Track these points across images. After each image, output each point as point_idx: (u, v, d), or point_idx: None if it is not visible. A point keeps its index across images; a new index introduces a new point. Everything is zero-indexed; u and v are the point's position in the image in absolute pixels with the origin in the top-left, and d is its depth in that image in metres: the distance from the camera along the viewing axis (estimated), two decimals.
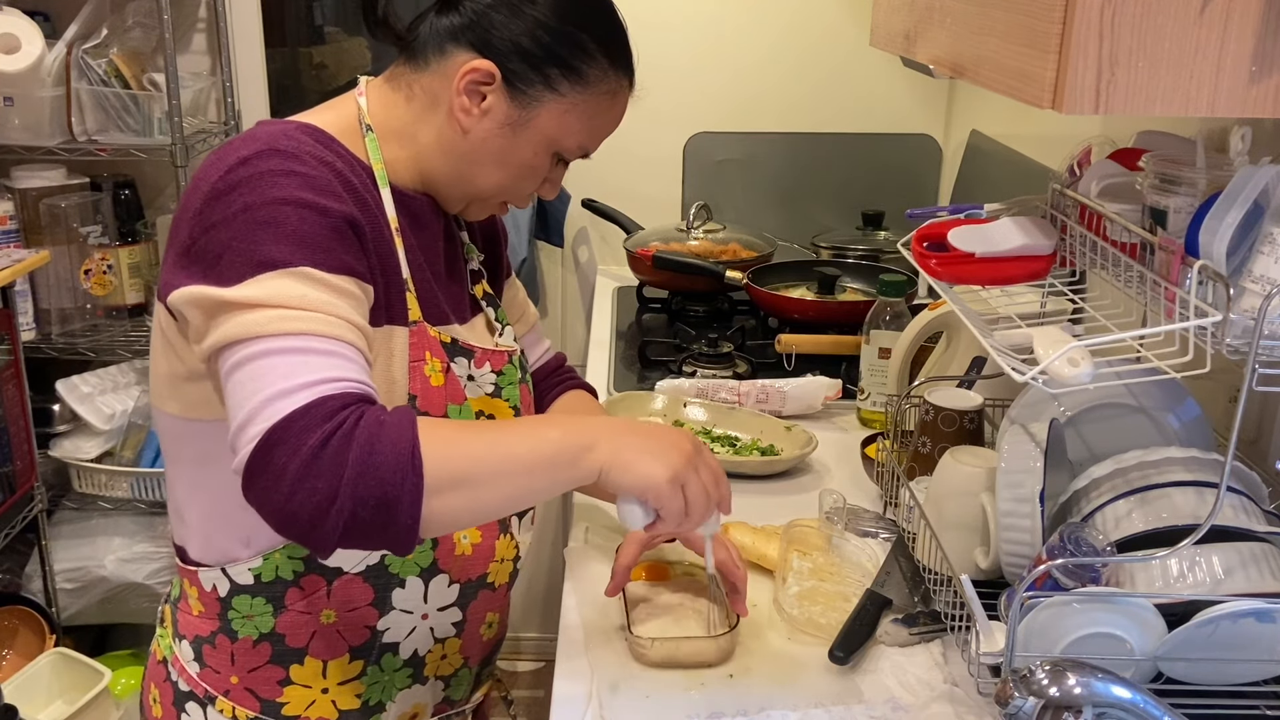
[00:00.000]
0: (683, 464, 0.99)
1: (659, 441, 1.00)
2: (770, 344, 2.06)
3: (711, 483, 1.02)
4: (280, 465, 0.88)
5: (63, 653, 2.26)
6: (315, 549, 0.91)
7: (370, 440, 0.89)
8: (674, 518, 1.00)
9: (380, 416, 0.91)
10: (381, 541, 0.91)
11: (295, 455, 0.88)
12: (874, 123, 2.61)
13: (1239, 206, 0.94)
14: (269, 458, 0.88)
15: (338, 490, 0.87)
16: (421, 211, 1.14)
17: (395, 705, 1.18)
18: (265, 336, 0.92)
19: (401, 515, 0.89)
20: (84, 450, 2.34)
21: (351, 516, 0.88)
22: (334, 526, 0.88)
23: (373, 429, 0.89)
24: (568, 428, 0.99)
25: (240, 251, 0.95)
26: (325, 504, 0.88)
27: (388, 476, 0.88)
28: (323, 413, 0.89)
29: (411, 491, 0.89)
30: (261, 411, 0.89)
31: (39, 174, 2.29)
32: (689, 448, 1.01)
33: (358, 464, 0.88)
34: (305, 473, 0.87)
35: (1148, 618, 1.02)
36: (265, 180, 0.97)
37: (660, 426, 1.05)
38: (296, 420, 0.88)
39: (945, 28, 1.19)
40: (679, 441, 1.01)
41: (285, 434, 0.88)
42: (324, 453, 0.88)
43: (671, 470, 0.98)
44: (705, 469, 1.02)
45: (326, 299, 0.95)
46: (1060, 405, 1.21)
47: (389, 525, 0.89)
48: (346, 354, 0.94)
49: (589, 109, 1.11)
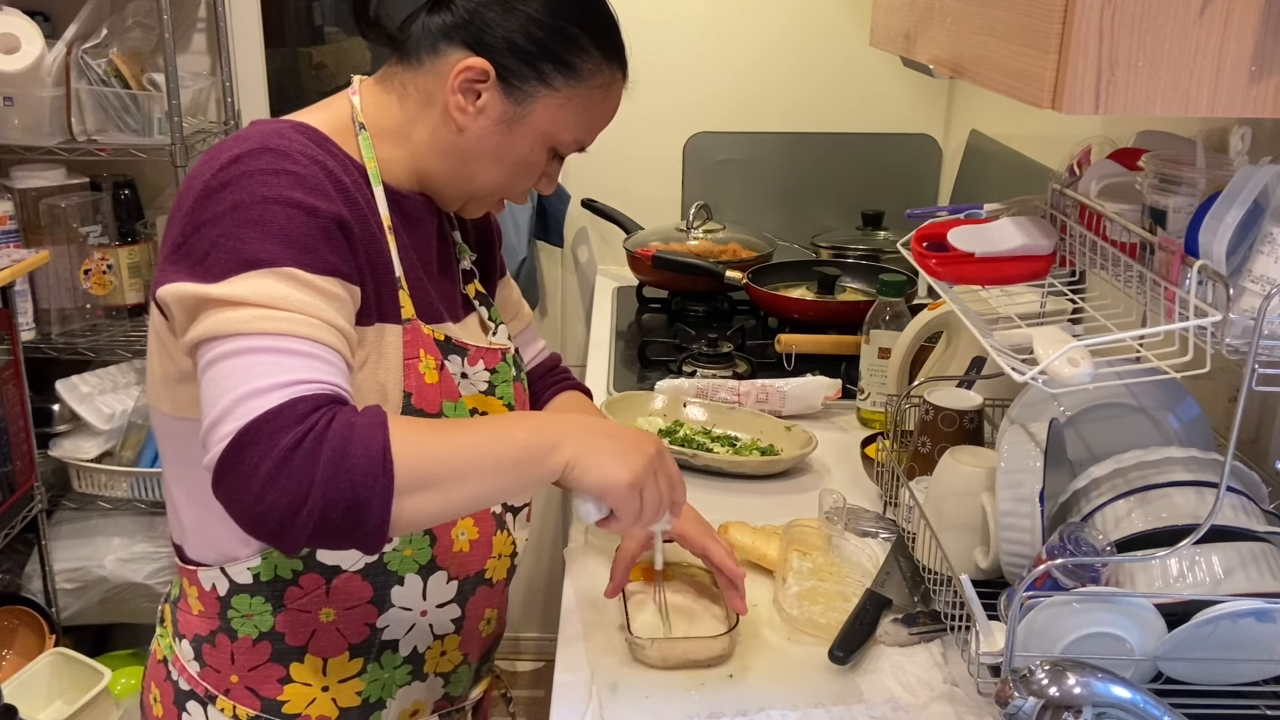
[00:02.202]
0: (644, 469, 1.01)
1: (623, 444, 1.01)
2: (770, 344, 2.06)
3: (668, 488, 1.04)
4: (251, 465, 0.88)
5: (62, 653, 2.26)
6: (284, 549, 0.91)
7: (342, 442, 0.89)
8: (628, 519, 1.02)
9: (351, 419, 0.91)
10: (350, 542, 0.91)
11: (267, 456, 0.88)
12: (874, 123, 2.61)
13: (1239, 206, 0.94)
14: (240, 457, 0.88)
15: (309, 492, 0.88)
16: (414, 210, 1.14)
17: (395, 702, 1.18)
18: (243, 335, 0.92)
19: (371, 516, 0.89)
20: (84, 450, 2.34)
21: (322, 518, 0.88)
22: (304, 527, 0.88)
23: (344, 431, 0.89)
24: (534, 427, 1.01)
25: (226, 249, 0.95)
26: (296, 505, 0.88)
27: (359, 479, 0.89)
28: (295, 414, 0.89)
29: (382, 493, 0.89)
30: (234, 410, 0.89)
31: (39, 174, 2.29)
32: (652, 452, 1.02)
33: (329, 466, 0.88)
34: (277, 474, 0.87)
35: (1148, 618, 1.02)
36: (255, 178, 0.97)
37: (626, 429, 1.06)
38: (269, 421, 0.88)
39: (945, 28, 1.19)
40: (643, 445, 1.02)
41: (257, 434, 0.88)
42: (296, 454, 0.88)
43: (633, 474, 0.99)
44: (664, 475, 1.04)
45: (309, 300, 0.95)
46: (1060, 405, 1.21)
47: (358, 526, 0.90)
48: (324, 356, 0.94)
49: (584, 103, 1.11)
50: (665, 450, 1.05)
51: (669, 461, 1.05)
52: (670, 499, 1.05)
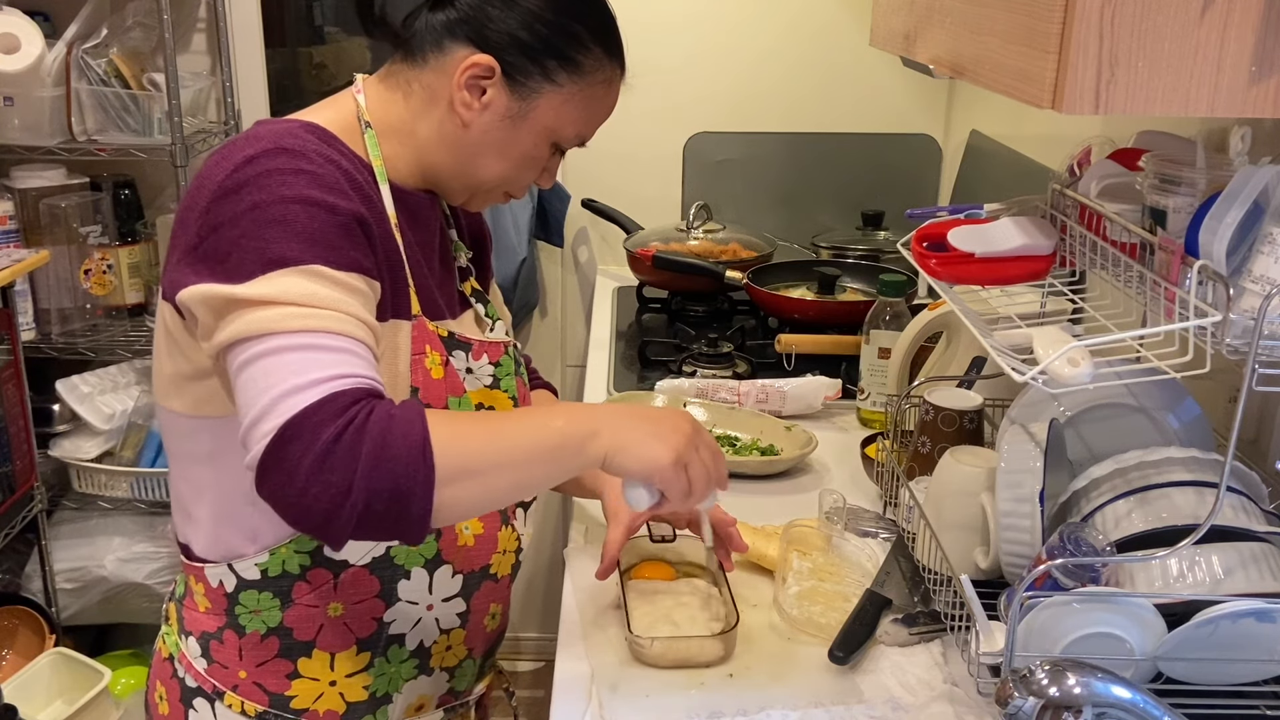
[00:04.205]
0: (685, 445, 1.01)
1: (660, 424, 1.02)
2: (770, 344, 2.06)
3: (711, 460, 1.04)
4: (295, 460, 0.89)
5: (63, 653, 2.26)
6: (329, 541, 0.93)
7: (382, 434, 0.90)
8: (679, 497, 1.02)
9: (390, 410, 0.92)
10: (394, 532, 0.93)
11: (309, 450, 0.89)
12: (874, 123, 2.61)
13: (1239, 206, 0.94)
14: (283, 453, 0.89)
15: (352, 484, 0.89)
16: (419, 208, 1.15)
17: (402, 696, 1.19)
18: (276, 334, 0.93)
19: (414, 506, 0.91)
20: (84, 450, 2.34)
21: (366, 509, 0.89)
22: (349, 519, 0.89)
23: (384, 423, 0.91)
24: (571, 416, 1.01)
25: (250, 249, 0.95)
26: (340, 497, 0.89)
27: (400, 469, 0.90)
28: (335, 408, 0.90)
29: (424, 483, 0.90)
30: (275, 408, 0.90)
31: (39, 174, 2.29)
32: (689, 428, 1.03)
33: (371, 457, 0.89)
34: (320, 467, 0.89)
35: (1148, 618, 1.02)
36: (273, 178, 0.98)
37: (658, 409, 1.06)
38: (310, 416, 0.90)
39: (945, 28, 1.19)
40: (679, 423, 1.03)
41: (299, 429, 0.89)
42: (338, 447, 0.89)
43: (675, 452, 1.00)
44: (705, 448, 1.04)
45: (336, 296, 0.96)
46: (1060, 405, 1.21)
47: (402, 516, 0.91)
48: (356, 350, 0.95)
49: (586, 98, 1.12)
50: (701, 425, 1.05)
51: (707, 435, 1.06)
52: (716, 472, 1.05)
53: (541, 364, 2.46)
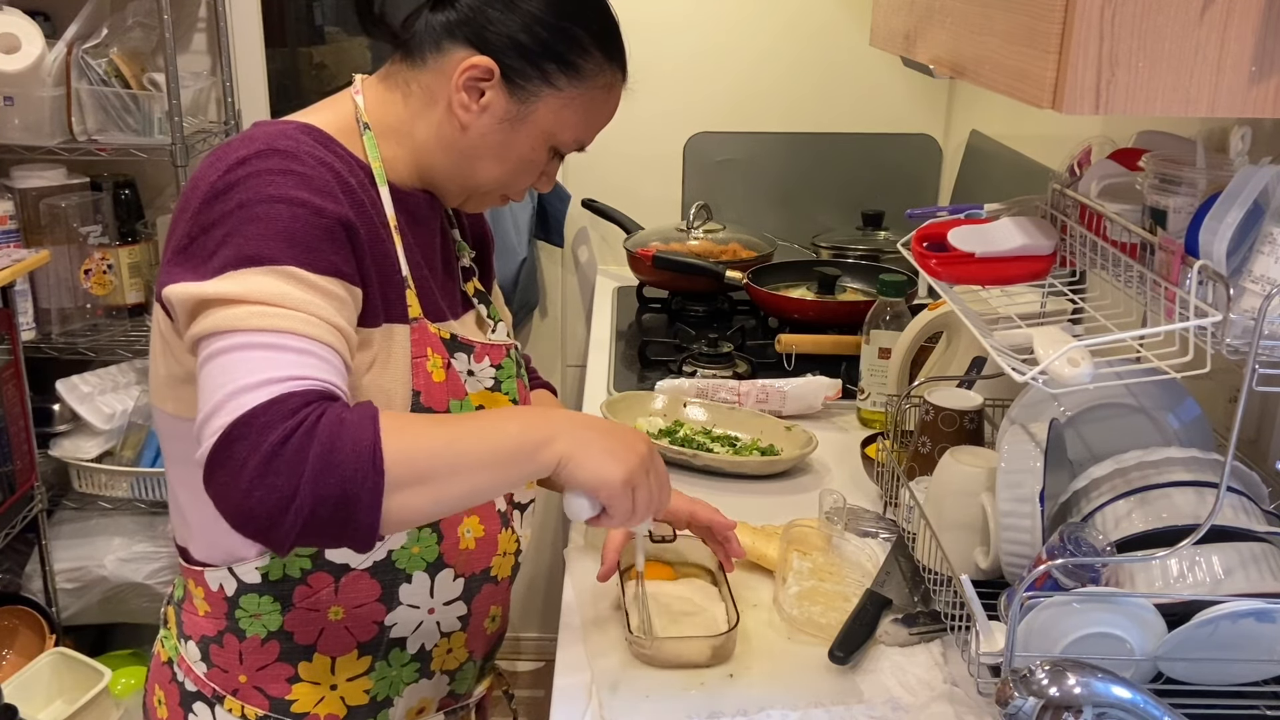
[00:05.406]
0: (637, 467, 1.00)
1: (617, 442, 1.00)
2: (770, 344, 2.06)
3: (658, 488, 1.03)
4: (240, 460, 0.87)
5: (63, 652, 2.26)
6: (273, 547, 0.90)
7: (331, 438, 0.88)
8: (621, 517, 1.01)
9: (341, 414, 0.90)
10: (341, 539, 0.90)
11: (255, 451, 0.87)
12: (874, 123, 2.61)
13: (1239, 206, 0.94)
14: (229, 452, 0.88)
15: (298, 488, 0.87)
16: (419, 209, 1.14)
17: (402, 700, 1.18)
18: (239, 331, 0.92)
19: (362, 513, 0.88)
20: (84, 450, 2.34)
21: (311, 515, 0.87)
22: (293, 525, 0.87)
23: (334, 427, 0.88)
24: (526, 421, 0.99)
25: (230, 247, 0.95)
26: (285, 501, 0.87)
27: (348, 475, 0.88)
28: (285, 409, 0.88)
29: (372, 490, 0.88)
30: (226, 405, 0.89)
31: (39, 174, 2.28)
32: (644, 450, 1.02)
33: (318, 461, 0.87)
34: (265, 469, 0.87)
35: (1148, 618, 1.02)
36: (262, 179, 0.97)
37: (618, 425, 1.05)
38: (259, 415, 0.88)
39: (945, 28, 1.19)
40: (635, 444, 1.02)
41: (246, 429, 0.87)
42: (285, 450, 0.87)
43: (627, 472, 0.99)
44: (655, 475, 1.03)
45: (308, 299, 0.95)
46: (1060, 405, 1.21)
47: (349, 523, 0.89)
48: (320, 354, 0.94)
49: (585, 103, 1.11)
50: (655, 450, 1.05)
51: (659, 461, 1.05)
52: (660, 500, 1.04)
53: (541, 364, 2.46)
